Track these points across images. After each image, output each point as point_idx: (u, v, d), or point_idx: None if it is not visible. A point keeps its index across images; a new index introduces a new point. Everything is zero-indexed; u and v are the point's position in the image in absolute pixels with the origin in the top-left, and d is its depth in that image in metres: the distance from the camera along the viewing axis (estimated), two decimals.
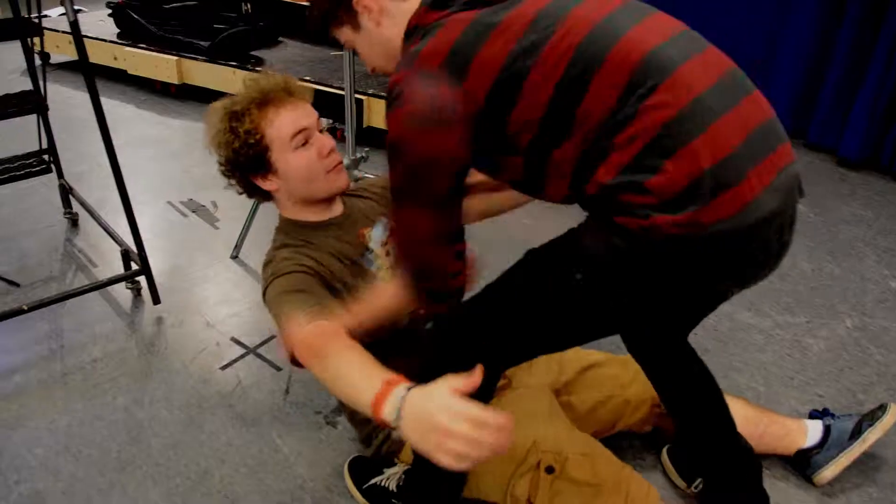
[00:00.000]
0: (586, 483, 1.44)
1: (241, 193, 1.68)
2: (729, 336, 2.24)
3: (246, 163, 1.56)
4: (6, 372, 2.09)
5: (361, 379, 1.14)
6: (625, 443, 1.79)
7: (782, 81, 3.60)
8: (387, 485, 1.64)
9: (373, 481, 1.65)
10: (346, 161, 2.71)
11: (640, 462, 1.78)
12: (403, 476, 1.62)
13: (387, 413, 1.06)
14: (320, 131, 1.60)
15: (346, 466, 1.73)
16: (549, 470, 1.45)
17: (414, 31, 1.22)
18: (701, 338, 2.23)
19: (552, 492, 1.45)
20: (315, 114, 1.60)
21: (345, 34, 1.35)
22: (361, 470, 1.71)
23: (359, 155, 2.74)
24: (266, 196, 1.66)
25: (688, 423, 1.54)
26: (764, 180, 1.07)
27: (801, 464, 1.72)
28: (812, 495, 1.71)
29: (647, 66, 1.07)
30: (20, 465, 1.78)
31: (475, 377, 1.02)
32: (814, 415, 1.82)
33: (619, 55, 1.08)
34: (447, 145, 1.15)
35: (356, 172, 2.75)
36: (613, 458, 1.53)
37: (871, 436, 1.67)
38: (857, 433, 1.68)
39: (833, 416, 1.77)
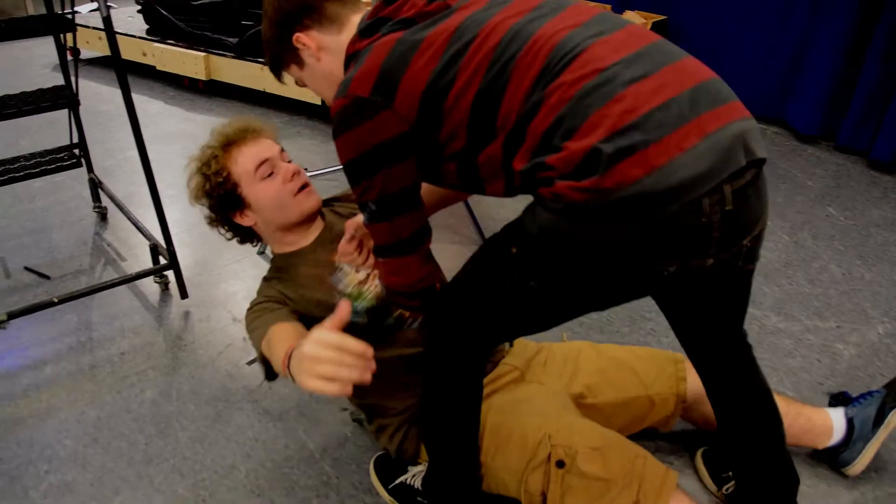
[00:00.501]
0: (596, 478, 1.43)
1: (230, 239, 1.77)
2: (757, 340, 2.22)
3: (221, 203, 1.66)
4: (37, 363, 2.12)
5: (280, 348, 1.32)
6: (651, 444, 1.78)
7: (814, 82, 3.56)
8: (412, 483, 1.64)
9: (399, 480, 1.65)
10: None
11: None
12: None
13: (288, 365, 1.24)
14: (288, 161, 1.70)
15: (371, 463, 1.73)
16: (560, 464, 1.45)
17: (350, 58, 1.27)
18: None
19: (563, 487, 1.45)
20: (277, 146, 1.69)
21: (293, 72, 1.42)
22: (387, 467, 1.71)
23: None
24: (251, 236, 1.73)
25: (736, 433, 1.46)
26: (683, 143, 1.01)
27: (829, 457, 1.73)
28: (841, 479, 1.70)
29: (555, 53, 1.09)
30: (51, 456, 1.80)
31: (341, 312, 1.17)
32: (833, 402, 1.81)
33: (533, 50, 1.11)
34: (395, 160, 1.20)
35: None
36: (629, 447, 1.49)
37: (895, 418, 1.66)
38: (880, 419, 1.66)
39: (853, 400, 1.75)
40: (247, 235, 1.73)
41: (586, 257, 1.14)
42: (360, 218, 1.52)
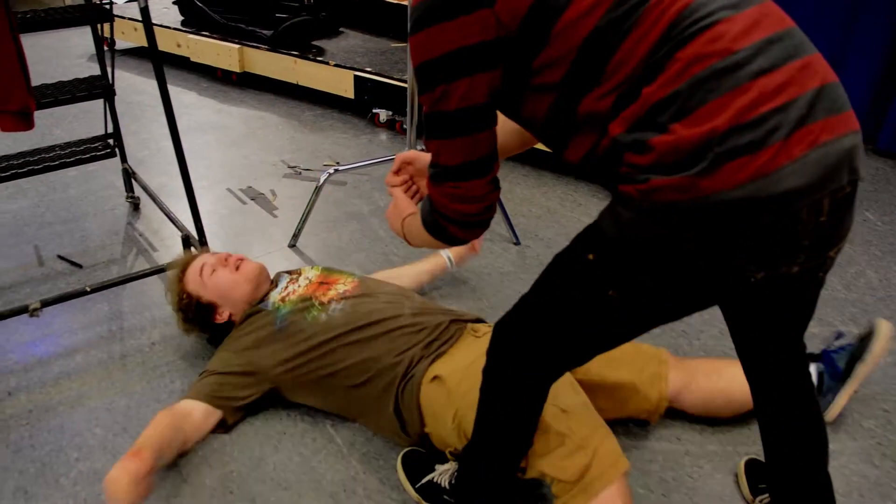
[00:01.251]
0: (556, 432, 1.47)
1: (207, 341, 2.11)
2: None
3: (197, 315, 1.98)
4: (68, 351, 2.13)
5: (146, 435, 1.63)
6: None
7: (853, 84, 3.50)
8: (439, 481, 1.63)
9: (427, 479, 1.64)
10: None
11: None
12: (455, 473, 1.61)
13: None
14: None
15: (399, 460, 1.72)
16: None
17: None
18: None
19: None
20: (207, 254, 2.06)
21: None
22: (414, 464, 1.70)
23: (419, 147, 2.73)
24: (222, 332, 1.99)
25: (778, 446, 1.41)
26: (794, 151, 0.95)
27: None
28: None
29: (686, 15, 0.99)
30: (80, 444, 1.82)
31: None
32: (814, 357, 1.88)
33: (664, 2, 1.00)
34: (483, 67, 1.07)
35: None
36: (595, 421, 1.52)
37: (862, 371, 1.78)
38: (849, 372, 1.79)
39: (829, 353, 1.84)
40: (217, 333, 2.02)
41: (671, 262, 1.06)
42: (410, 152, 1.48)
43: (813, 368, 1.83)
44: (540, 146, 2.06)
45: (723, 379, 1.83)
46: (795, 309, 1.23)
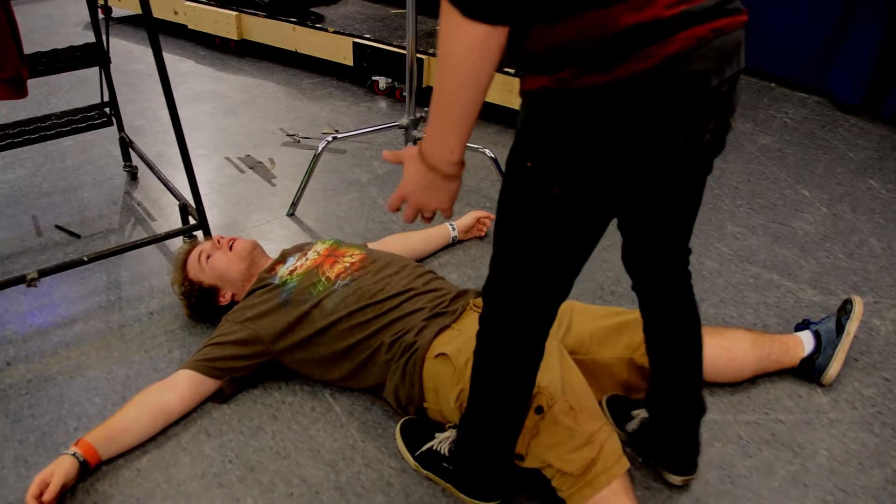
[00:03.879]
0: (565, 426, 1.49)
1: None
2: (792, 314, 2.17)
3: (201, 299, 2.05)
4: (67, 321, 2.13)
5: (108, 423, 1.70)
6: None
7: (859, 50, 3.45)
8: (438, 448, 1.63)
9: (426, 447, 1.64)
10: (405, 121, 2.69)
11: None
12: (454, 440, 1.61)
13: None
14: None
15: (397, 428, 1.73)
16: (539, 410, 1.50)
17: None
18: (763, 314, 2.17)
19: (534, 430, 1.50)
20: (205, 241, 2.13)
21: None
22: (413, 432, 1.70)
23: (418, 115, 2.70)
24: (217, 313, 2.01)
25: (663, 358, 1.55)
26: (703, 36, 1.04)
27: (807, 371, 1.92)
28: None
29: None
30: (80, 413, 1.82)
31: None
32: (799, 328, 2.02)
33: None
34: None
35: (415, 132, 2.72)
36: (601, 420, 1.54)
37: (852, 326, 1.92)
38: (840, 329, 1.92)
39: (813, 323, 2.00)
40: (214, 313, 2.06)
41: (603, 141, 1.07)
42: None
43: (805, 331, 1.96)
44: None
45: (724, 338, 1.86)
46: (697, 187, 1.33)
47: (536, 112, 1.09)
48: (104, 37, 2.43)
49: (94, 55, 2.39)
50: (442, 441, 1.64)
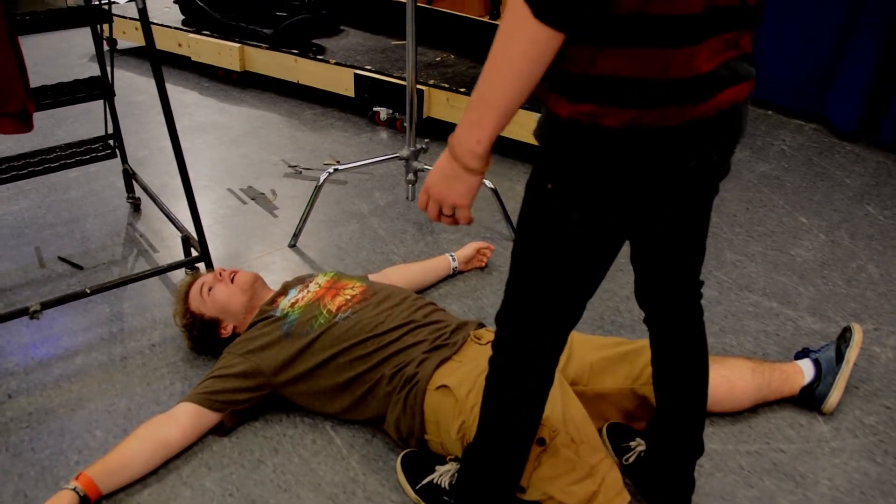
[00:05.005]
0: (566, 458, 1.50)
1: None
2: (791, 342, 2.18)
3: (203, 332, 2.05)
4: (69, 353, 2.14)
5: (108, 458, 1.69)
6: None
7: (855, 76, 3.48)
8: (439, 482, 1.63)
9: (426, 480, 1.64)
10: (405, 152, 2.71)
11: None
12: (456, 474, 1.61)
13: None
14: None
15: (398, 461, 1.72)
16: (541, 442, 1.50)
17: None
18: (762, 343, 2.17)
19: (535, 462, 1.50)
20: (207, 273, 2.13)
21: None
22: (414, 466, 1.70)
23: (419, 146, 2.73)
24: (220, 345, 2.01)
25: (669, 391, 1.55)
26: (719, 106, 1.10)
27: (808, 399, 1.92)
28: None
29: None
30: (81, 447, 1.82)
31: None
32: (799, 356, 2.01)
33: None
34: None
35: (415, 164, 2.74)
36: (602, 453, 1.54)
37: (852, 354, 1.92)
38: (840, 356, 1.92)
39: (813, 351, 1.99)
40: (216, 345, 2.05)
41: (620, 165, 1.11)
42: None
43: (805, 360, 1.96)
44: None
45: (725, 367, 1.86)
46: (705, 209, 1.35)
47: (561, 139, 1.12)
48: (109, 69, 2.46)
49: (99, 88, 2.42)
50: (443, 474, 1.64)
